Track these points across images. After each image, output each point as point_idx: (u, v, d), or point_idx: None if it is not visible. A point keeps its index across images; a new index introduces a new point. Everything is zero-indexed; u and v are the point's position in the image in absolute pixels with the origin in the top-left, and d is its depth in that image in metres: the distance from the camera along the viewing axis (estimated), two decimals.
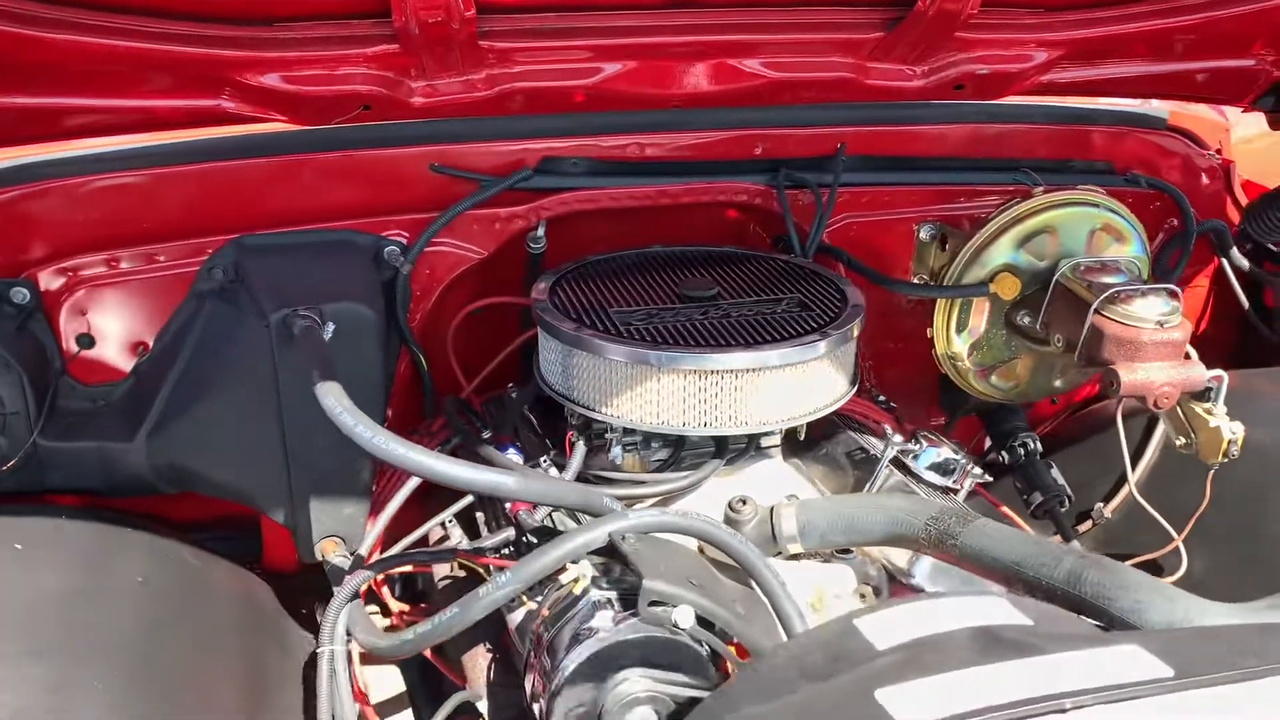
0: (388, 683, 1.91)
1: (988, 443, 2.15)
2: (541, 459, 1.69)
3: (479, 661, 1.61)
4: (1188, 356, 1.66)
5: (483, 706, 1.57)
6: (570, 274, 1.86)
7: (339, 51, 1.58)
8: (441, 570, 1.82)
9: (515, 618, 1.54)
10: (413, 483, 1.71)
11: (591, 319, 1.68)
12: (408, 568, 1.72)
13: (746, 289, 1.79)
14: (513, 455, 1.71)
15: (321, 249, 1.84)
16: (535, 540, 1.61)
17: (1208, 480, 1.73)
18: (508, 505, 1.62)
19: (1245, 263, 2.27)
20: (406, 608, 1.77)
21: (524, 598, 1.46)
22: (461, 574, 1.79)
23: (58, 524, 1.61)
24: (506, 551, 1.62)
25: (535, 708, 1.37)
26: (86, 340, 1.81)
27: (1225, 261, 2.27)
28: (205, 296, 1.82)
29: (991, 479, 1.78)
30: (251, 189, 1.85)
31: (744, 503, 1.60)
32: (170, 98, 1.64)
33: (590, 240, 2.02)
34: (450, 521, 1.72)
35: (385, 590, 1.75)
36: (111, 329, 1.83)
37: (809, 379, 1.65)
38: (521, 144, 1.95)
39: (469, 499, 1.73)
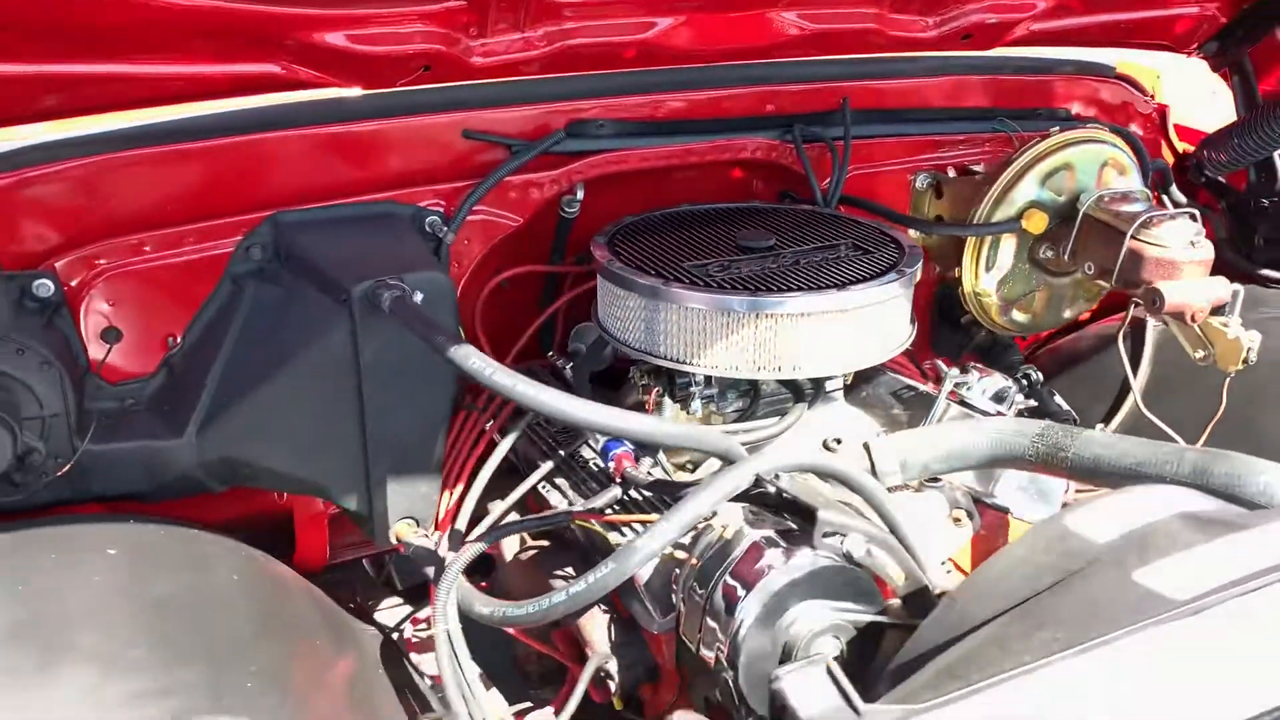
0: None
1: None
2: None
3: (597, 623, 1.59)
4: None
5: (612, 667, 1.55)
6: (620, 235, 1.85)
7: (405, 8, 1.52)
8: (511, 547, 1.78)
9: (643, 574, 1.52)
10: (500, 452, 1.68)
11: (668, 273, 1.68)
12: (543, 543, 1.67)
13: (798, 238, 1.83)
14: None
15: (365, 222, 1.76)
16: (646, 495, 1.61)
17: (1224, 388, 1.88)
18: (611, 465, 1.60)
19: (1183, 198, 2.47)
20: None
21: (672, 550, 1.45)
22: (532, 548, 1.76)
23: (133, 529, 1.48)
24: (614, 510, 1.60)
25: (708, 654, 1.37)
26: (113, 334, 1.67)
27: (1167, 198, 2.46)
28: (244, 279, 1.71)
29: (1036, 403, 1.89)
30: (279, 164, 1.75)
31: (839, 441, 1.64)
32: (220, 62, 1.54)
33: (612, 204, 2.01)
34: (545, 487, 1.68)
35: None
36: (138, 321, 1.69)
37: (887, 318, 1.70)
38: (548, 107, 1.92)
39: (544, 469, 1.70)
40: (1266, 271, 2.34)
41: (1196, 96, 2.76)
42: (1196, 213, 1.82)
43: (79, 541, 1.39)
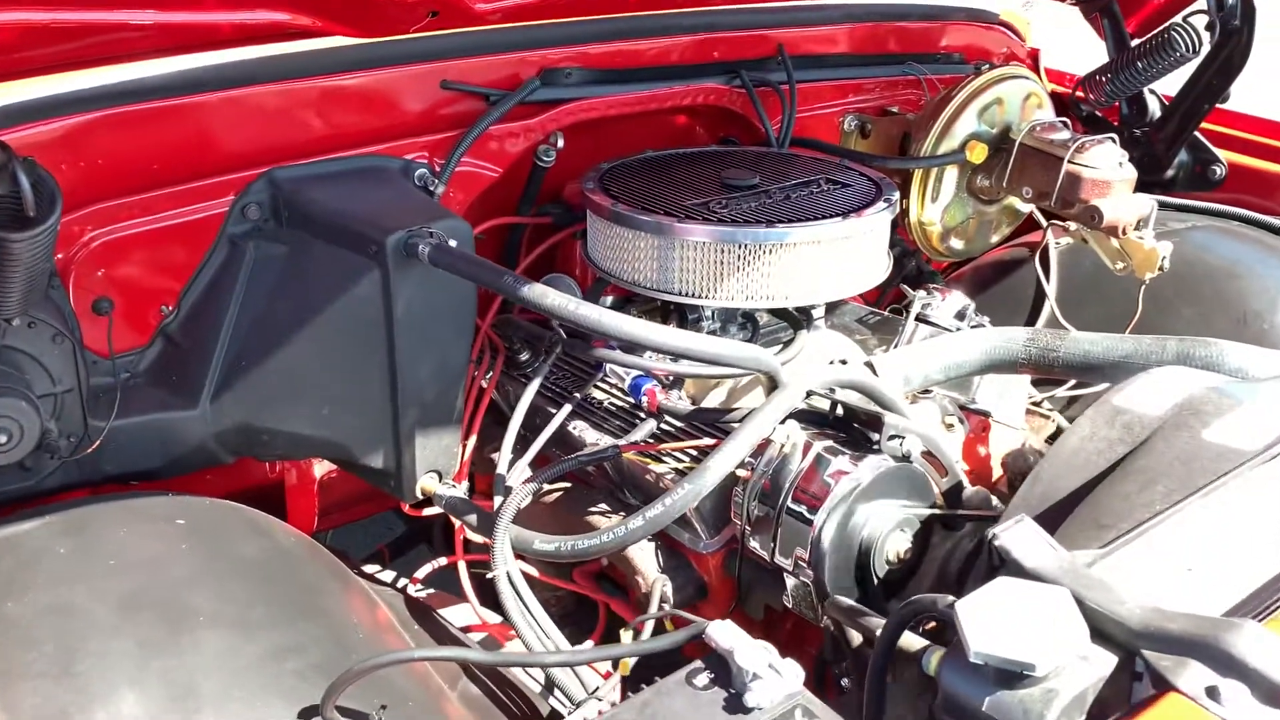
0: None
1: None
2: None
3: (644, 550, 1.64)
4: None
5: (666, 590, 1.61)
6: (608, 180, 1.89)
7: None
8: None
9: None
10: (565, 411, 1.70)
11: (677, 211, 1.73)
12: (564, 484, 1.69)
13: (776, 177, 1.92)
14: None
15: (361, 175, 1.73)
16: (677, 425, 1.67)
17: (1140, 294, 2.11)
18: (644, 399, 1.66)
19: None
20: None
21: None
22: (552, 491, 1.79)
23: (178, 501, 1.42)
24: (648, 441, 1.65)
25: (784, 561, 1.45)
26: (105, 304, 1.58)
27: None
28: (242, 239, 1.65)
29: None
30: (267, 119, 1.68)
31: (844, 361, 1.75)
32: (226, 10, 1.47)
33: (575, 153, 2.03)
34: (574, 427, 1.71)
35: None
36: (131, 289, 1.61)
37: (878, 245, 1.82)
38: (516, 55, 1.93)
39: (564, 413, 1.73)
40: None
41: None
42: (1114, 136, 2.03)
43: (143, 514, 1.33)
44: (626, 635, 1.49)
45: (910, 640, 1.01)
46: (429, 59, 1.84)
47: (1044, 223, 2.33)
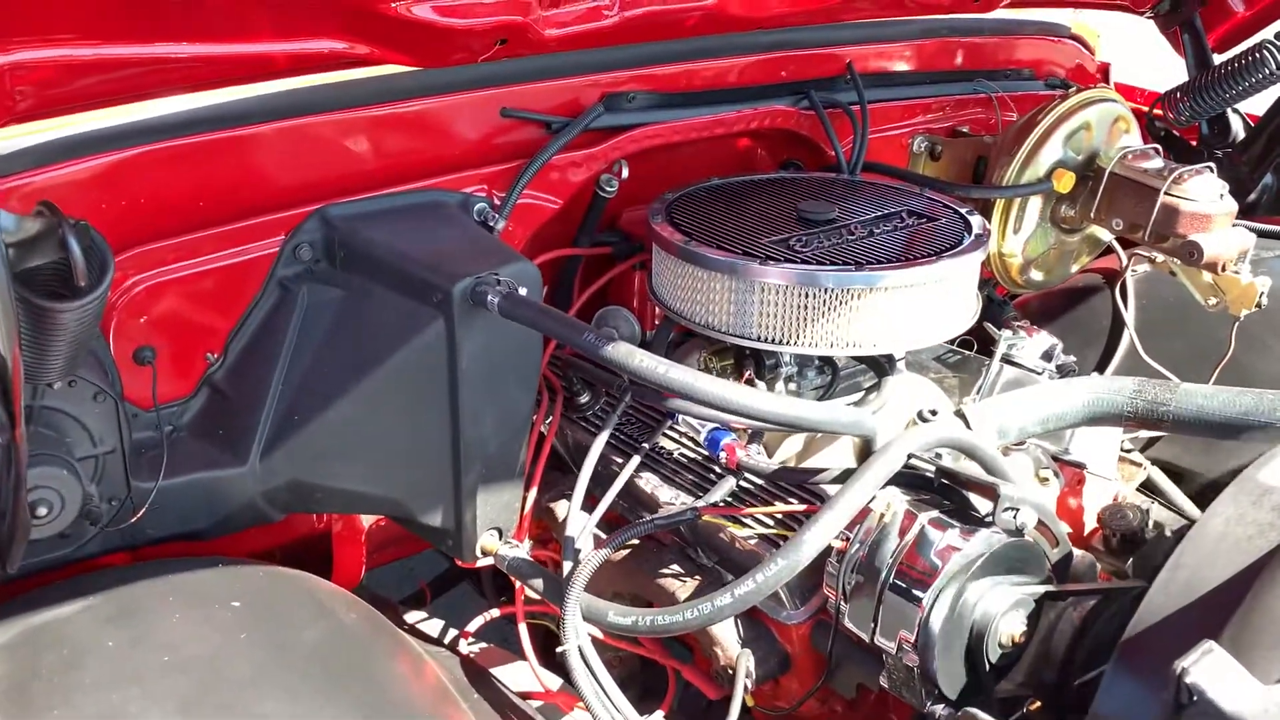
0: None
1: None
2: None
3: (724, 623, 1.53)
4: None
5: (750, 663, 1.50)
6: (675, 212, 1.77)
7: None
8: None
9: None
10: (596, 451, 1.58)
11: (756, 251, 1.62)
12: (634, 541, 1.58)
13: (853, 209, 1.80)
14: None
15: (418, 211, 1.62)
16: (756, 483, 1.55)
17: (1233, 332, 1.99)
18: (722, 454, 1.54)
19: None
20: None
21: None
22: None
23: (232, 572, 1.31)
24: (727, 500, 1.54)
25: (886, 643, 1.33)
26: (148, 353, 1.47)
27: None
28: (293, 281, 1.54)
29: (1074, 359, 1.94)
30: (317, 152, 1.57)
31: (934, 413, 1.63)
32: (280, 40, 1.35)
33: (631, 179, 1.91)
34: (645, 482, 1.60)
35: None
36: (173, 337, 1.50)
37: (970, 286, 1.70)
38: (579, 80, 1.81)
39: (632, 466, 1.62)
40: None
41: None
42: (1213, 166, 1.90)
43: (196, 595, 1.22)
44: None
45: None
46: (487, 85, 1.72)
47: (1120, 251, 2.21)
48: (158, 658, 1.09)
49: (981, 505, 1.39)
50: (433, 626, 2.00)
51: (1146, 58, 2.83)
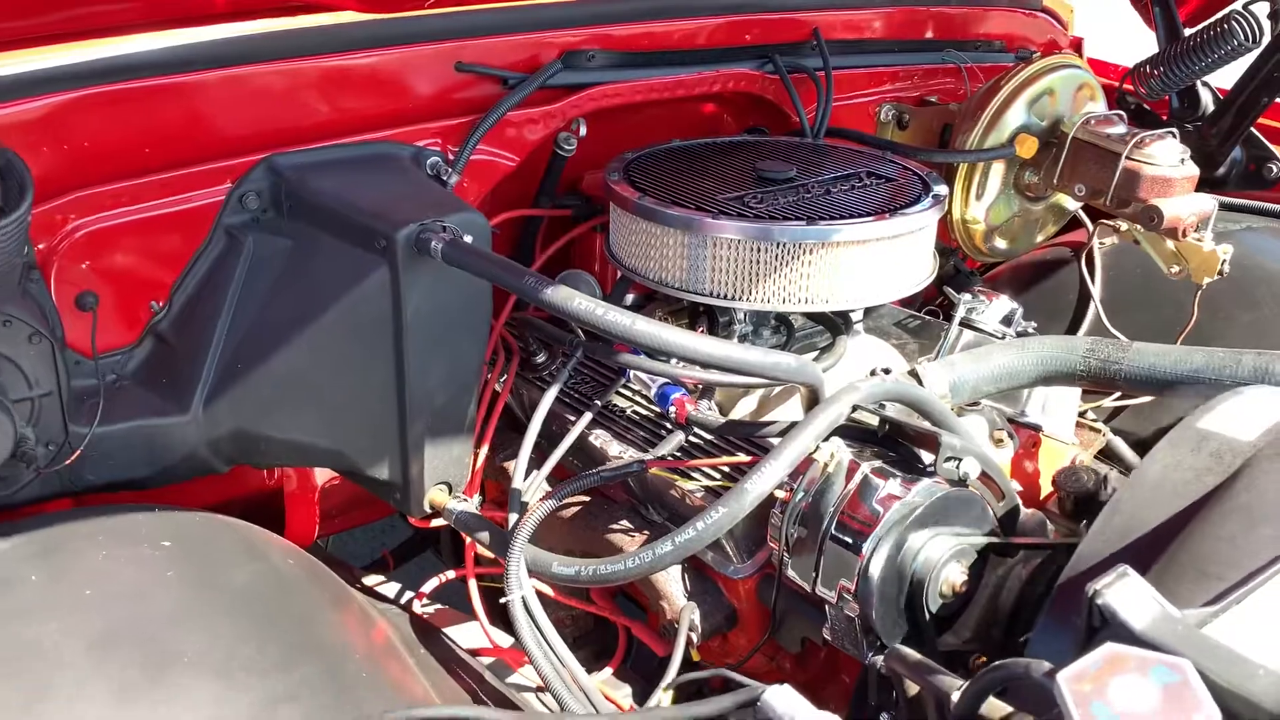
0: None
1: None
2: None
3: (671, 574, 1.52)
4: None
5: (695, 617, 1.49)
6: (632, 170, 1.76)
7: None
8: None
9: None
10: (585, 419, 1.57)
11: (709, 207, 1.61)
12: (584, 498, 1.57)
13: (813, 169, 1.79)
14: None
15: (368, 163, 1.60)
16: (706, 438, 1.54)
17: (1195, 300, 1.98)
18: (671, 410, 1.53)
19: None
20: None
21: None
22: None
23: (165, 517, 1.29)
24: (676, 454, 1.53)
25: (826, 592, 1.32)
26: (90, 300, 1.45)
27: None
28: (239, 230, 1.52)
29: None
30: (266, 100, 1.55)
31: (887, 370, 1.62)
32: None
33: (594, 141, 1.90)
34: (595, 438, 1.59)
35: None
36: (117, 284, 1.48)
37: (925, 245, 1.69)
38: (538, 35, 1.80)
39: (584, 422, 1.61)
40: None
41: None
42: (1175, 131, 1.90)
43: (125, 535, 1.21)
44: (666, 697, 1.37)
45: (992, 708, 0.89)
46: (443, 38, 1.70)
47: (1087, 221, 2.20)
48: (79, 592, 1.07)
49: (927, 458, 1.38)
50: (389, 590, 1.99)
51: (1128, 38, 2.83)
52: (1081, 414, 1.92)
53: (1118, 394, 1.90)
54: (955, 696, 0.92)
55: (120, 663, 1.00)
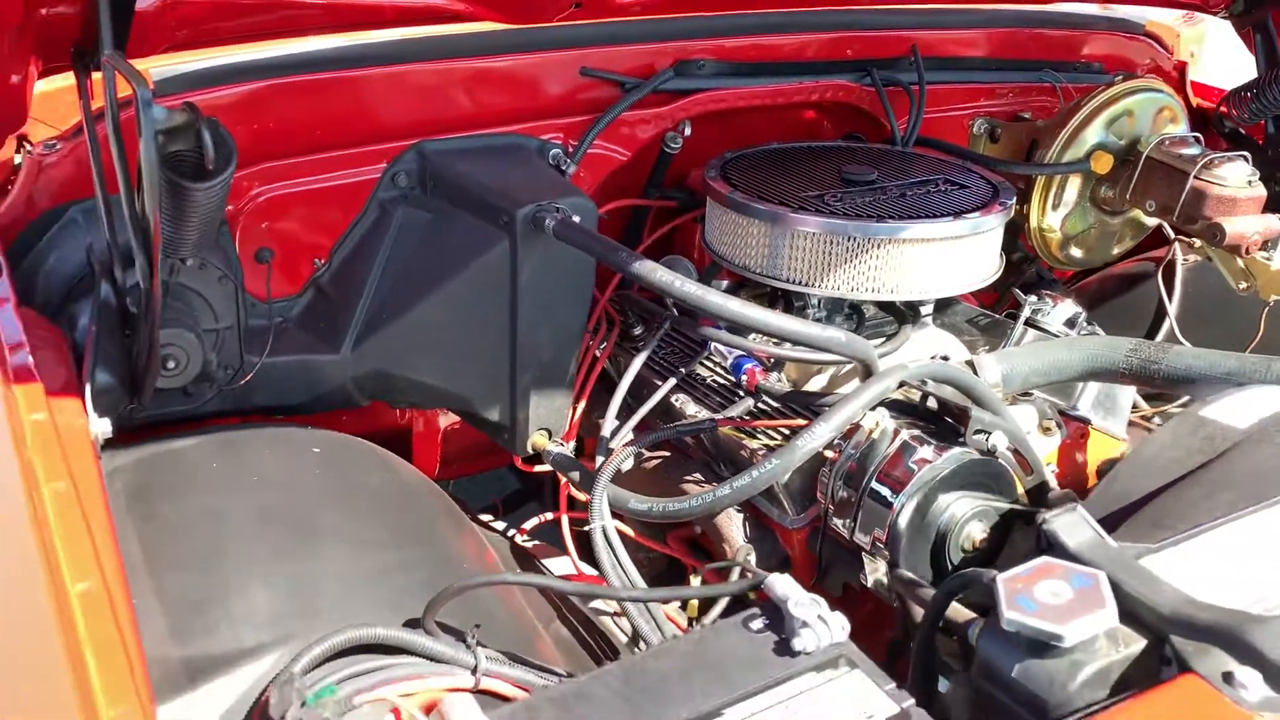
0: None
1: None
2: None
3: (733, 520, 1.73)
4: None
5: (751, 560, 1.70)
6: (729, 168, 1.98)
7: None
8: None
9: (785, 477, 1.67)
10: (669, 384, 1.81)
11: (791, 202, 1.81)
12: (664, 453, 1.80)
13: (895, 174, 1.98)
14: None
15: (501, 152, 1.87)
16: (774, 405, 1.75)
17: (1263, 317, 2.09)
18: (743, 379, 1.75)
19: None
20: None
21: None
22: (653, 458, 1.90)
23: (318, 434, 1.58)
24: (744, 417, 1.74)
25: (862, 540, 1.52)
26: (266, 254, 1.76)
27: None
28: (391, 203, 1.81)
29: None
30: (420, 95, 1.84)
31: (945, 358, 1.80)
32: None
33: (703, 141, 2.13)
34: (677, 400, 1.82)
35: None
36: (288, 242, 1.78)
37: (989, 247, 1.87)
38: (654, 46, 2.04)
39: (670, 383, 1.83)
40: None
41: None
42: (1249, 155, 2.01)
43: (284, 440, 1.50)
44: (696, 580, 1.59)
45: (962, 613, 1.08)
46: (571, 46, 1.97)
47: (1173, 238, 2.31)
48: (249, 477, 1.36)
49: (964, 431, 1.56)
50: (495, 526, 2.26)
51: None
52: (1147, 418, 2.06)
53: (1184, 399, 2.03)
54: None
55: (277, 530, 1.28)
